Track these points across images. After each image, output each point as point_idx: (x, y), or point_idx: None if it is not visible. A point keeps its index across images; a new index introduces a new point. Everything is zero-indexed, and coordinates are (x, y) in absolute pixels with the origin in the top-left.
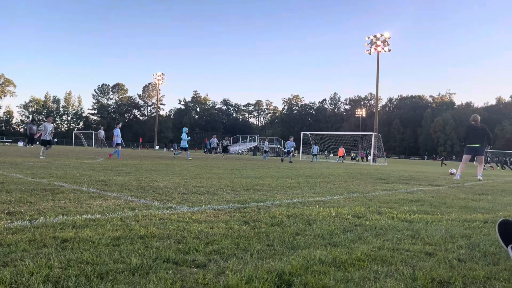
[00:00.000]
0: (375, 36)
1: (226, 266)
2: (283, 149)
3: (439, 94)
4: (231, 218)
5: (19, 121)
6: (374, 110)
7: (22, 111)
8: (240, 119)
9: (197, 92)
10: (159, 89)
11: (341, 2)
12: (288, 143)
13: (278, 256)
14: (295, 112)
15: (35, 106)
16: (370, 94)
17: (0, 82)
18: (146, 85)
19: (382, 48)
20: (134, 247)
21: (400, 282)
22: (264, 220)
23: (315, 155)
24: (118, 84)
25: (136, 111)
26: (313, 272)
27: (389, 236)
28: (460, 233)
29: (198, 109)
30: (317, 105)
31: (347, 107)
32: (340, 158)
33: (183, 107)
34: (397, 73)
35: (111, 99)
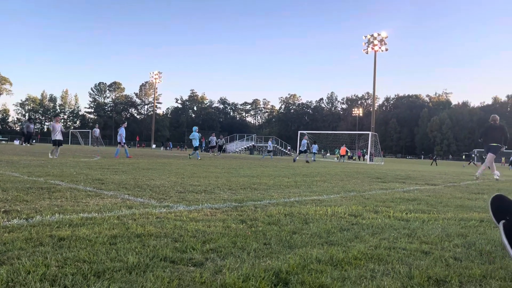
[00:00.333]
0: (372, 36)
1: (223, 264)
2: (280, 148)
3: (435, 93)
4: (228, 217)
5: (15, 119)
6: (371, 109)
7: (19, 109)
8: (237, 118)
9: (194, 91)
10: (156, 88)
11: (338, 2)
12: (304, 141)
13: (275, 254)
14: (292, 111)
15: (32, 105)
16: (367, 93)
17: None
18: (143, 84)
19: (379, 48)
20: (131, 245)
21: (396, 281)
22: (261, 219)
23: (314, 154)
24: (115, 83)
25: (133, 109)
26: (310, 271)
27: (386, 235)
28: (456, 232)
29: (195, 108)
30: (314, 104)
31: (344, 106)
32: (343, 157)
33: (180, 105)
34: (394, 72)
35: (108, 97)
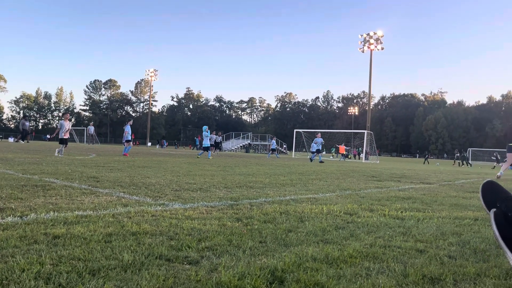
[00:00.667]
0: (368, 34)
1: (219, 262)
2: (276, 146)
3: (431, 92)
4: (224, 215)
5: (10, 116)
6: (367, 108)
7: (13, 106)
8: (233, 116)
9: (190, 89)
10: (152, 86)
11: (334, 0)
12: (317, 139)
13: (271, 252)
14: (288, 109)
15: (26, 102)
16: (363, 92)
17: None
18: (138, 82)
19: (375, 47)
20: (126, 243)
21: (391, 279)
22: (256, 217)
23: (313, 152)
24: (110, 80)
25: (129, 107)
26: (306, 269)
27: (381, 233)
28: (451, 231)
29: (191, 106)
30: (310, 102)
31: (340, 105)
32: (343, 155)
33: (175, 103)
34: (390, 71)
35: (103, 95)
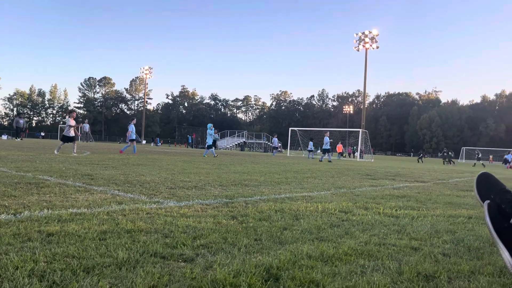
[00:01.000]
0: (363, 33)
1: (214, 260)
2: (270, 144)
3: (425, 91)
4: (219, 213)
5: (3, 114)
6: (362, 106)
7: (6, 104)
8: (228, 115)
9: (185, 87)
10: (147, 83)
11: None
12: (326, 138)
13: (266, 250)
14: (283, 108)
15: (20, 99)
16: (358, 90)
17: None
18: (133, 79)
19: (370, 45)
20: (121, 241)
21: (386, 276)
22: (252, 215)
23: (311, 151)
24: (105, 78)
25: (123, 105)
26: (301, 266)
27: (376, 231)
28: (445, 229)
29: (186, 104)
30: (305, 101)
31: (335, 103)
32: (340, 154)
33: (170, 101)
34: (385, 70)
35: (97, 92)
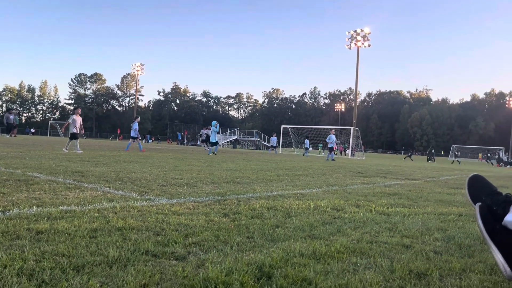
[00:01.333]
0: (355, 31)
1: (206, 258)
2: (263, 142)
3: (416, 90)
4: (211, 211)
5: None
6: (353, 104)
7: None
8: (220, 112)
9: (177, 84)
10: (138, 80)
11: None
12: (331, 136)
13: (258, 248)
14: (275, 105)
15: (9, 95)
16: (350, 88)
17: None
18: (124, 76)
19: (362, 44)
20: (111, 239)
21: (378, 274)
22: (244, 213)
23: (307, 149)
24: (96, 74)
25: (114, 101)
26: (293, 264)
27: (368, 229)
28: (436, 226)
29: (177, 101)
30: (297, 98)
31: (327, 101)
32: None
33: (162, 98)
34: (376, 68)
35: (88, 89)
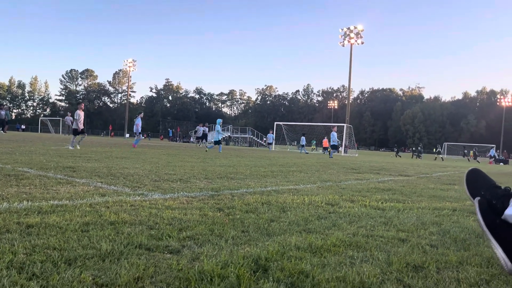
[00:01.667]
0: (348, 29)
1: (201, 252)
2: (256, 139)
3: (409, 87)
4: (205, 205)
5: None
6: (346, 102)
7: None
8: (213, 109)
9: (169, 80)
10: (130, 76)
11: None
12: (333, 134)
13: (254, 242)
14: (268, 102)
15: None
16: (343, 86)
17: None
18: (116, 72)
19: (355, 41)
20: (104, 233)
21: (376, 267)
22: (238, 207)
23: (303, 146)
24: (87, 70)
25: (106, 98)
26: (289, 258)
27: (363, 223)
28: (431, 221)
29: (170, 98)
30: (291, 96)
31: (320, 98)
32: (325, 149)
33: (154, 95)
34: (369, 65)
35: (80, 85)
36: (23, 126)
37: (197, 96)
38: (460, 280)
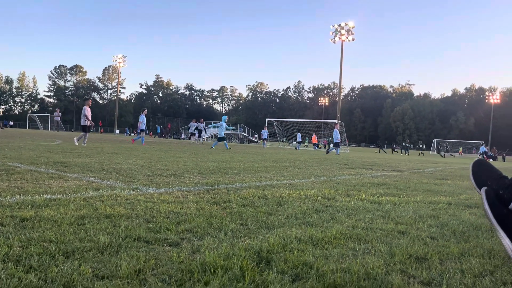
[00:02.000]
0: (339, 25)
1: (201, 244)
2: (247, 136)
3: (399, 84)
4: (201, 199)
5: None
6: (337, 99)
7: None
8: (204, 105)
9: (159, 76)
10: (120, 72)
11: None
12: (336, 131)
13: (253, 234)
14: (259, 99)
15: None
16: (333, 83)
17: None
18: (106, 68)
19: (346, 37)
20: (100, 226)
21: (379, 258)
22: (235, 201)
23: (299, 142)
24: (76, 66)
25: (96, 94)
26: (291, 250)
27: (361, 216)
28: (428, 214)
29: (160, 94)
30: (282, 92)
31: (311, 95)
32: (314, 145)
33: (144, 91)
34: (360, 62)
35: (68, 81)
36: (11, 123)
37: (188, 93)
38: (464, 271)
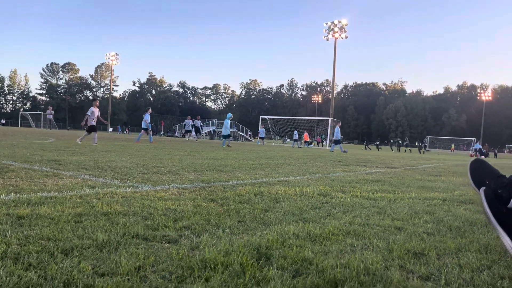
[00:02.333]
0: (333, 23)
1: (199, 241)
2: (241, 133)
3: (392, 82)
4: (198, 196)
5: None
6: (330, 96)
7: None
8: (197, 103)
9: (152, 74)
10: (113, 70)
11: None
12: (337, 129)
13: (252, 231)
14: (253, 97)
15: None
16: (327, 80)
17: None
18: (98, 65)
19: (340, 35)
20: (98, 223)
21: (377, 254)
22: (231, 198)
23: (296, 140)
24: (68, 63)
25: (88, 92)
26: (290, 246)
27: (357, 213)
28: (423, 210)
29: (153, 91)
30: (275, 90)
31: (304, 92)
32: (306, 143)
33: (137, 89)
34: (353, 60)
35: (61, 79)
36: (2, 121)
37: (181, 90)
38: (461, 266)
